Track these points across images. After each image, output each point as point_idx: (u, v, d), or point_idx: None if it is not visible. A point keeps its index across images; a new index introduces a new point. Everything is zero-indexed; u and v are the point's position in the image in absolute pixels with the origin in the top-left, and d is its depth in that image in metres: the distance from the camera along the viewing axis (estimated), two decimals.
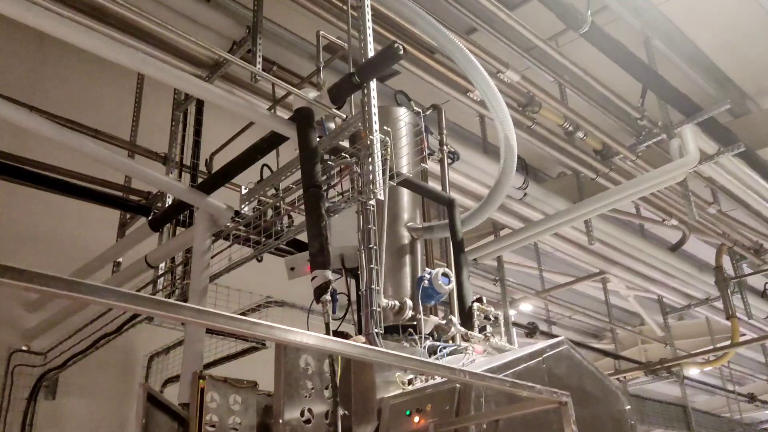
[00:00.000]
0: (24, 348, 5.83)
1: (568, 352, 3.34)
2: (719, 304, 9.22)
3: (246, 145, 4.34)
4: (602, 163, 6.94)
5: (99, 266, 5.12)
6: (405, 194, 4.44)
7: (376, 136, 3.27)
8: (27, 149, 5.06)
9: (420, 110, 4.96)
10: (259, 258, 4.89)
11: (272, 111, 4.46)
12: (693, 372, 12.35)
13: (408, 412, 2.92)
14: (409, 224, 4.34)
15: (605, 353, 10.62)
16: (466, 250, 7.63)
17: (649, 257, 8.26)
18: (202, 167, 5.23)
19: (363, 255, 3.14)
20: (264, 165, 4.56)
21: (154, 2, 4.37)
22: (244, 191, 4.01)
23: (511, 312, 11.99)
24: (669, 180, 5.94)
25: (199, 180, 4.96)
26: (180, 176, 4.96)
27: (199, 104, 5.25)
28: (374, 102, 3.37)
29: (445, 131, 5.02)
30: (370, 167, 3.22)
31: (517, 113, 6.05)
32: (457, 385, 2.82)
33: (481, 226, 8.71)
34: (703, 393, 13.72)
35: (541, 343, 3.33)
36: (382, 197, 3.19)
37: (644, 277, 8.60)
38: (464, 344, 3.58)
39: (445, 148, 4.95)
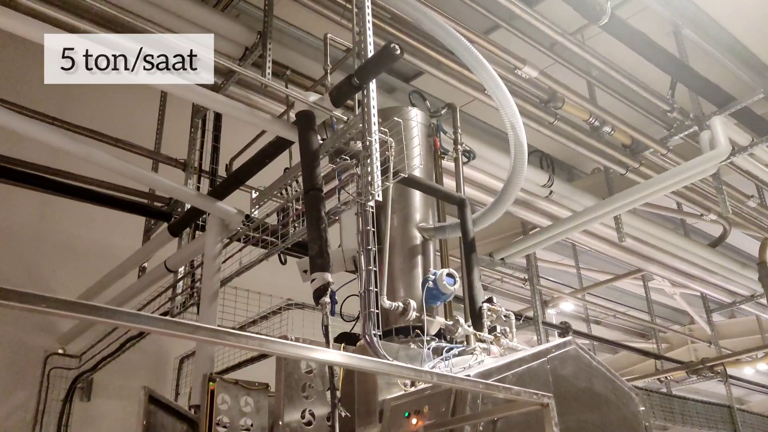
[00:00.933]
0: (60, 351, 6.03)
1: (576, 353, 3.27)
2: (765, 301, 8.88)
3: None
4: (632, 158, 6.76)
5: (125, 271, 5.27)
6: (417, 195, 4.42)
7: (375, 138, 3.26)
8: (59, 161, 5.23)
9: (429, 109, 4.96)
10: (283, 260, 4.95)
11: (286, 115, 4.51)
12: (748, 371, 11.94)
13: (407, 414, 2.91)
14: (420, 225, 4.33)
15: (645, 353, 10.34)
16: (495, 251, 7.60)
17: (687, 254, 8.01)
18: (222, 172, 5.31)
19: (362, 257, 3.14)
20: (286, 168, 4.62)
21: (169, 13, 4.47)
22: (254, 195, 4.06)
23: (551, 311, 11.84)
24: (699, 174, 5.75)
25: None
26: (199, 182, 5.06)
27: (218, 112, 5.33)
28: (373, 103, 3.37)
29: (459, 130, 4.98)
30: (369, 169, 3.21)
31: (539, 109, 5.95)
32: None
33: (509, 226, 8.63)
34: (759, 393, 13.23)
35: (546, 344, 3.27)
36: (380, 198, 3.18)
37: (683, 273, 8.35)
38: (475, 344, 3.55)
39: (459, 147, 4.91)
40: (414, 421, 2.85)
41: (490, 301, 3.81)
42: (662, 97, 6.40)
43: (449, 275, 3.57)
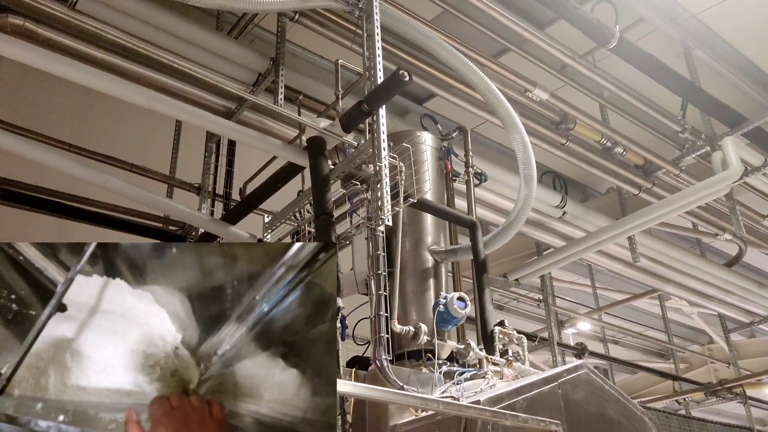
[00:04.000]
0: None
1: (588, 377, 3.26)
2: None
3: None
4: (644, 179, 6.75)
5: None
6: (428, 218, 4.45)
7: (384, 163, 3.30)
8: (76, 187, 5.33)
9: (441, 132, 5.00)
10: None
11: (299, 140, 4.58)
12: (758, 394, 11.72)
13: None
14: (432, 248, 4.35)
15: (662, 374, 10.21)
16: (509, 271, 7.58)
17: (703, 273, 7.94)
18: (236, 195, 5.37)
19: (372, 281, 3.16)
20: (300, 191, 4.68)
21: (184, 41, 4.57)
22: (267, 219, 4.10)
23: (568, 331, 11.75)
24: (712, 194, 5.73)
25: None
26: (213, 205, 5.12)
27: None
28: (383, 129, 3.41)
29: (471, 153, 5.01)
30: (379, 194, 3.25)
31: (551, 131, 5.98)
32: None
33: (523, 246, 8.62)
34: None
35: (557, 368, 3.26)
36: (390, 223, 3.21)
37: (699, 294, 8.28)
38: (487, 368, 3.54)
39: (470, 169, 4.94)
40: None
41: (501, 324, 3.81)
42: (673, 117, 6.40)
43: (460, 299, 3.58)
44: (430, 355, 3.59)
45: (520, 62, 5.83)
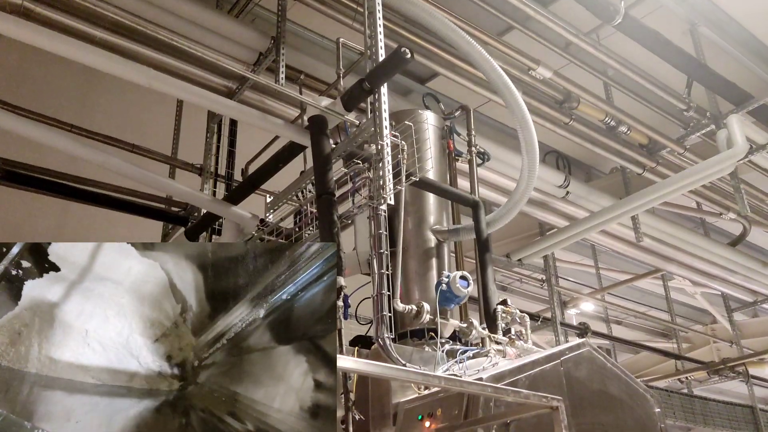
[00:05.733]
0: None
1: (590, 355, 3.26)
2: None
3: None
4: (649, 158, 6.71)
5: None
6: (431, 197, 4.43)
7: (386, 141, 3.28)
8: (78, 168, 5.32)
9: (443, 111, 4.96)
10: None
11: (300, 119, 4.55)
12: (760, 373, 11.74)
13: (420, 417, 2.92)
14: (434, 227, 4.34)
15: (665, 353, 10.23)
16: (512, 252, 7.57)
17: (706, 253, 7.92)
18: (238, 176, 5.36)
19: (374, 260, 3.15)
20: (302, 172, 4.66)
21: (184, 20, 4.52)
22: (269, 199, 4.09)
23: (572, 311, 11.76)
24: (717, 173, 5.69)
25: None
26: (215, 186, 5.11)
27: None
28: (385, 107, 3.38)
29: (474, 132, 4.98)
30: (381, 173, 3.23)
31: (554, 110, 5.93)
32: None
33: (527, 227, 8.60)
34: None
35: (560, 347, 3.26)
36: (392, 202, 3.20)
37: (703, 273, 8.26)
38: (490, 347, 3.54)
39: (473, 149, 4.91)
40: (427, 424, 2.86)
41: (504, 303, 3.81)
42: (678, 96, 6.35)
43: (462, 278, 3.57)
44: (433, 334, 3.59)
45: (524, 41, 5.77)
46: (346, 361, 1.71)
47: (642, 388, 3.43)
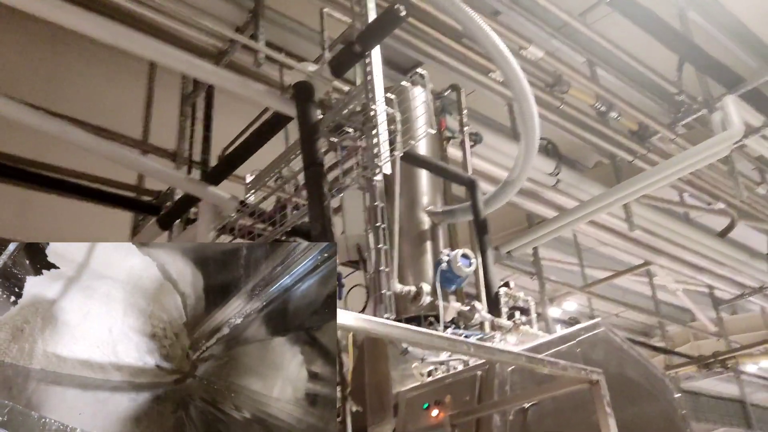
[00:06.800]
0: None
1: (606, 336, 3.00)
2: None
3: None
4: (640, 144, 6.52)
5: None
6: (424, 177, 4.16)
7: (380, 107, 2.99)
8: (40, 153, 4.94)
9: (433, 91, 4.69)
10: None
11: (285, 91, 4.22)
12: (750, 368, 11.68)
13: (426, 405, 2.62)
14: (428, 208, 4.06)
15: (655, 348, 10.07)
16: (500, 245, 7.32)
17: (696, 244, 7.76)
18: (214, 163, 5.01)
19: (371, 235, 2.86)
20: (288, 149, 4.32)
21: None
22: (249, 179, 3.77)
23: (555, 310, 11.56)
24: (713, 156, 5.48)
25: None
26: (189, 173, 4.76)
27: (209, 98, 5.06)
28: (378, 71, 3.10)
29: (465, 111, 4.73)
30: (375, 140, 2.94)
31: (545, 93, 5.70)
32: (479, 373, 2.51)
33: (515, 221, 8.36)
34: (764, 390, 13.01)
35: (575, 326, 3.00)
36: (388, 171, 2.91)
37: (691, 265, 8.10)
38: (494, 332, 3.27)
39: (465, 129, 4.65)
40: (434, 412, 2.56)
41: (507, 285, 3.54)
42: (669, 80, 6.17)
43: (464, 256, 3.29)
44: (432, 319, 3.30)
45: (513, 23, 5.55)
46: (349, 318, 1.41)
47: (659, 373, 3.17)
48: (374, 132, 2.95)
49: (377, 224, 2.85)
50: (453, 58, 5.21)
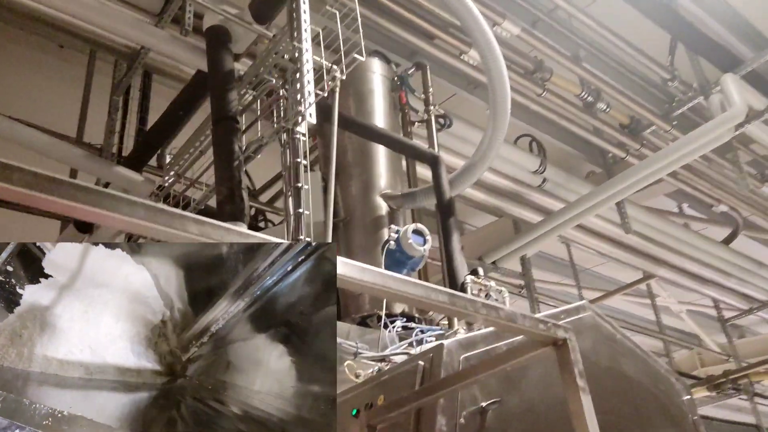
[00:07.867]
0: None
1: (594, 321, 2.37)
2: None
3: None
4: (632, 138, 5.96)
5: None
6: (381, 158, 3.58)
7: (305, 45, 2.43)
8: None
9: (394, 66, 4.17)
10: None
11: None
12: (764, 387, 10.95)
13: (354, 412, 1.99)
14: (385, 192, 3.47)
15: None
16: (484, 256, 6.70)
17: (699, 252, 7.15)
18: (153, 161, 4.44)
19: (290, 199, 2.26)
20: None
21: None
22: (168, 160, 3.19)
23: None
24: (713, 141, 4.91)
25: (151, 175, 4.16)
26: None
27: (145, 89, 4.52)
28: (304, 8, 2.54)
29: (431, 89, 4.18)
30: (298, 85, 2.37)
31: (525, 78, 5.14)
32: (420, 363, 1.90)
33: (501, 232, 7.75)
34: None
35: (553, 310, 2.38)
36: (313, 120, 2.32)
37: (695, 276, 7.46)
38: (458, 326, 2.66)
39: (431, 108, 4.10)
40: (364, 418, 1.93)
41: (474, 272, 2.93)
42: (661, 63, 5.66)
43: (416, 232, 2.69)
44: (379, 312, 2.68)
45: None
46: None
47: (664, 369, 2.54)
48: (297, 76, 2.38)
49: (298, 184, 2.25)
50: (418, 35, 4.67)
